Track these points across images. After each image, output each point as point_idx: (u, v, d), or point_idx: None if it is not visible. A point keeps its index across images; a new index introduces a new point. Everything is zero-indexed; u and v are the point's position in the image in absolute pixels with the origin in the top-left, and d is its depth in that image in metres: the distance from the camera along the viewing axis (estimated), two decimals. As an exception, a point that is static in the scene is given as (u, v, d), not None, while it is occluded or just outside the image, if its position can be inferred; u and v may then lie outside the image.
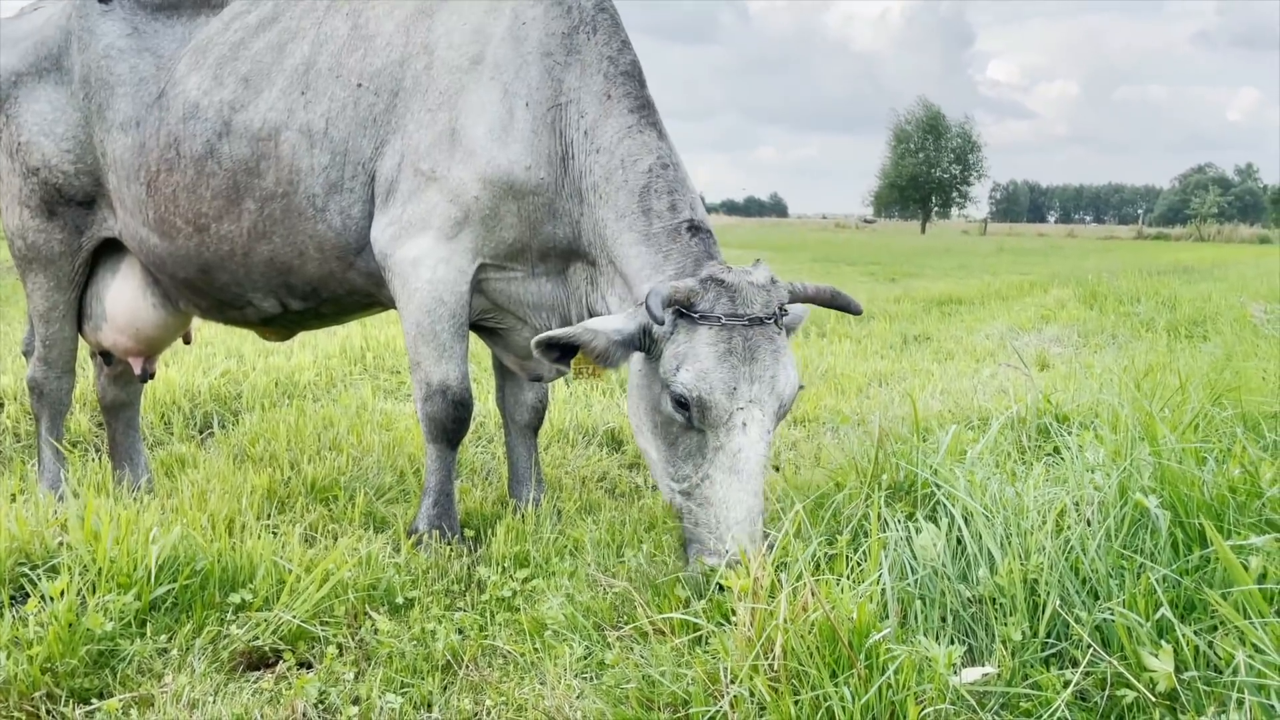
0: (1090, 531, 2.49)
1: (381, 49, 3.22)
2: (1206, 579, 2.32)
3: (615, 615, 2.68)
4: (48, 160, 3.54)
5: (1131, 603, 2.24)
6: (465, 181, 3.09)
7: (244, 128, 3.27)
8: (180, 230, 3.43)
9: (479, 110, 3.10)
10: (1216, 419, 3.48)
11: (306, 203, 3.26)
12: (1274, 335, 6.18)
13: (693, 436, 2.80)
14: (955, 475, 2.85)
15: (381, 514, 3.70)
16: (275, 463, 4.22)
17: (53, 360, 3.83)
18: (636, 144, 3.07)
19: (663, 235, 2.99)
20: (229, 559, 2.88)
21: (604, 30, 3.17)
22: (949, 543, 2.54)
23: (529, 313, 3.36)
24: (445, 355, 3.24)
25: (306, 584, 2.77)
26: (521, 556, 3.21)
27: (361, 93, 3.20)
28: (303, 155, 3.23)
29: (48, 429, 3.91)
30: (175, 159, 3.36)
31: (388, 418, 5.22)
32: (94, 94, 3.48)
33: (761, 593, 2.17)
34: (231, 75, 3.32)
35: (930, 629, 2.34)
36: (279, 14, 3.39)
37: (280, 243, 3.34)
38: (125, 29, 3.50)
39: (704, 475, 2.77)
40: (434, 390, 3.26)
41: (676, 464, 2.84)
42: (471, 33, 3.17)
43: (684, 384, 2.73)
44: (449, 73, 3.14)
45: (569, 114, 3.12)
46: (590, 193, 3.10)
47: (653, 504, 3.76)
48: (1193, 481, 2.60)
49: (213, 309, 3.71)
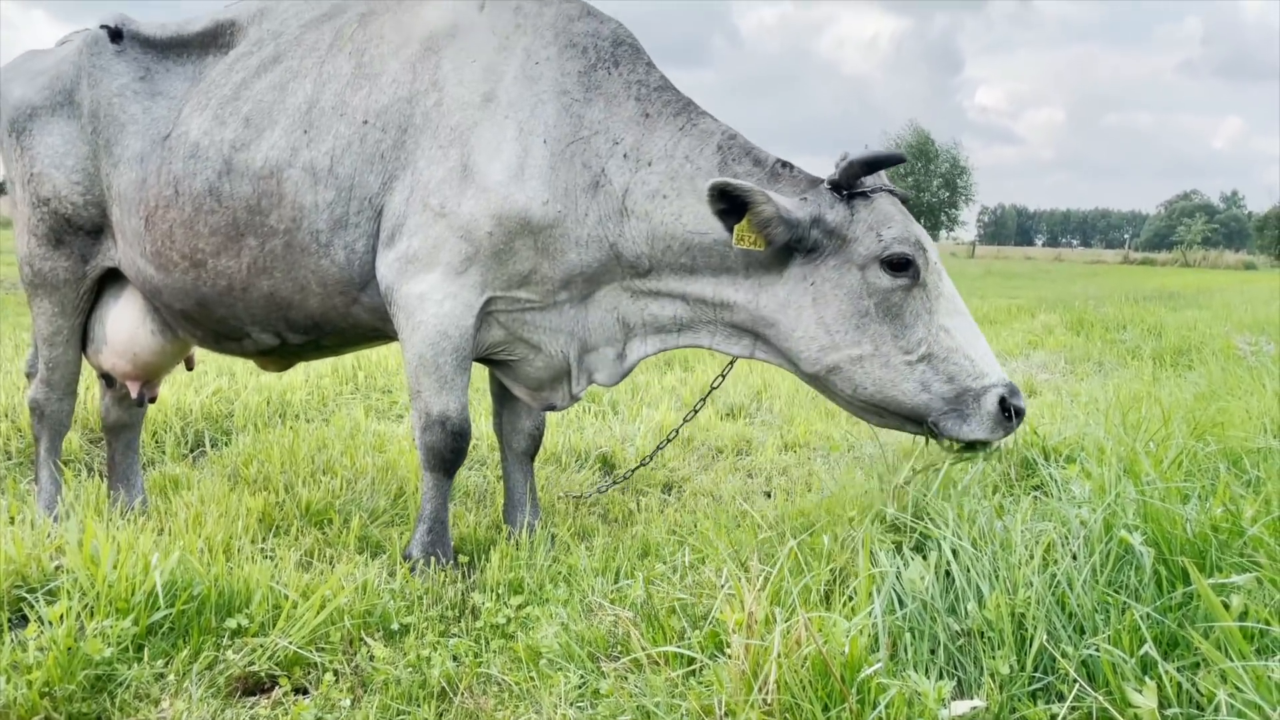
0: (1076, 567, 2.54)
1: (388, 86, 3.25)
2: (1189, 616, 2.37)
3: (610, 644, 2.71)
4: (58, 191, 3.61)
5: (1116, 639, 2.29)
6: (477, 217, 3.13)
7: (245, 167, 3.31)
8: (176, 264, 3.47)
9: (493, 147, 3.14)
10: (1200, 455, 3.54)
11: (310, 239, 3.30)
12: (1258, 368, 6.27)
13: (913, 298, 3.00)
14: (944, 508, 2.90)
15: (376, 538, 3.73)
16: (269, 485, 4.24)
17: (55, 382, 3.88)
18: (691, 142, 3.19)
19: (764, 179, 3.15)
20: (225, 583, 2.90)
21: (625, 61, 3.27)
22: (938, 576, 2.59)
23: (545, 340, 3.39)
24: (446, 387, 3.28)
25: (303, 610, 2.80)
26: (515, 583, 3.24)
27: (368, 129, 3.23)
28: (306, 192, 3.26)
29: (48, 450, 3.93)
30: (174, 196, 3.41)
31: (380, 439, 5.24)
32: (103, 129, 3.55)
33: (756, 626, 2.21)
34: (233, 115, 3.36)
35: (920, 662, 2.38)
36: (281, 55, 3.42)
37: (281, 278, 3.38)
38: (138, 70, 3.57)
39: (939, 327, 2.99)
40: (433, 420, 3.30)
41: (905, 335, 3.00)
42: (482, 71, 3.21)
43: (899, 238, 2.98)
44: (460, 109, 3.18)
45: (595, 145, 3.19)
46: (647, 201, 3.17)
47: (646, 531, 3.80)
48: (1175, 519, 2.66)
49: (210, 340, 3.75)
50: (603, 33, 3.30)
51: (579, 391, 3.50)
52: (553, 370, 3.46)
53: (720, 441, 5.58)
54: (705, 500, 4.44)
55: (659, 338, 3.40)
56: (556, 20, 3.29)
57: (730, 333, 3.31)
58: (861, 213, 3.02)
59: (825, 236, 3.03)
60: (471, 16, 3.31)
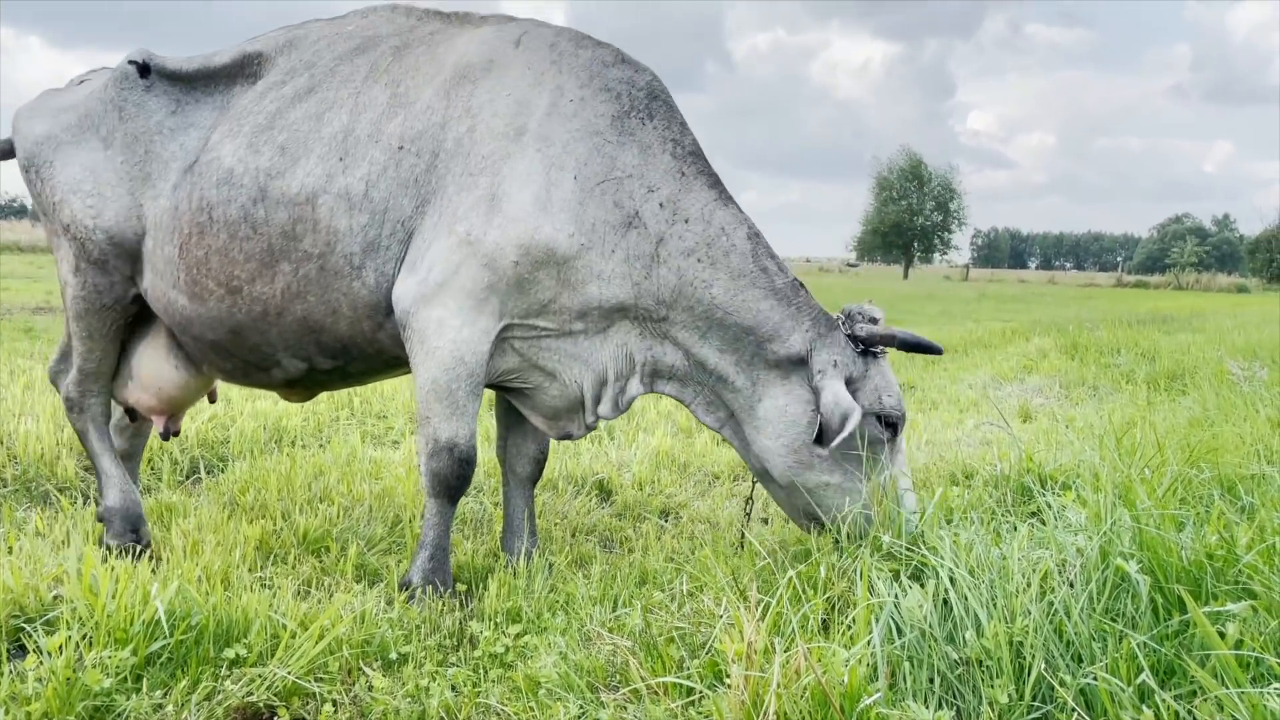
0: (1073, 595, 2.55)
1: (422, 113, 3.32)
2: (1186, 645, 2.38)
3: (609, 674, 2.71)
4: (76, 218, 3.66)
5: (1114, 667, 2.29)
6: (503, 246, 3.18)
7: (281, 193, 3.36)
8: (212, 292, 3.50)
9: (524, 179, 3.21)
10: (1194, 481, 3.56)
11: (344, 262, 3.34)
12: (1251, 393, 6.30)
13: (883, 449, 3.38)
14: (941, 536, 2.91)
15: (374, 566, 3.73)
16: (266, 513, 4.24)
17: (88, 374, 3.91)
18: (727, 215, 3.39)
19: (787, 290, 3.41)
20: (224, 613, 2.89)
21: (660, 116, 3.41)
22: (935, 604, 2.60)
23: (561, 368, 3.46)
24: (457, 413, 3.30)
25: (302, 640, 2.79)
26: (514, 612, 3.24)
27: (403, 155, 3.29)
28: (341, 217, 3.31)
29: (97, 439, 3.96)
30: (208, 223, 3.45)
31: (377, 466, 5.24)
32: (140, 162, 3.62)
33: (755, 656, 2.21)
34: (268, 144, 3.41)
35: (919, 691, 2.38)
36: (315, 85, 3.48)
37: (314, 302, 3.41)
38: (169, 104, 3.66)
39: (885, 477, 3.36)
40: (441, 447, 3.32)
41: (868, 476, 3.36)
42: (515, 104, 3.28)
43: (894, 407, 3.36)
44: (492, 139, 3.25)
45: (629, 187, 3.30)
46: (681, 258, 3.34)
47: (644, 558, 3.80)
48: (1171, 547, 2.67)
49: (237, 371, 3.76)
50: (638, 82, 3.42)
51: (593, 421, 3.58)
52: (568, 399, 3.53)
53: (717, 467, 5.59)
54: (703, 527, 4.45)
55: (654, 381, 3.55)
56: (591, 64, 3.39)
57: (712, 401, 3.54)
58: (872, 372, 3.38)
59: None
60: (508, 52, 3.39)
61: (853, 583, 2.85)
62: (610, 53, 3.46)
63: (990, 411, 7.38)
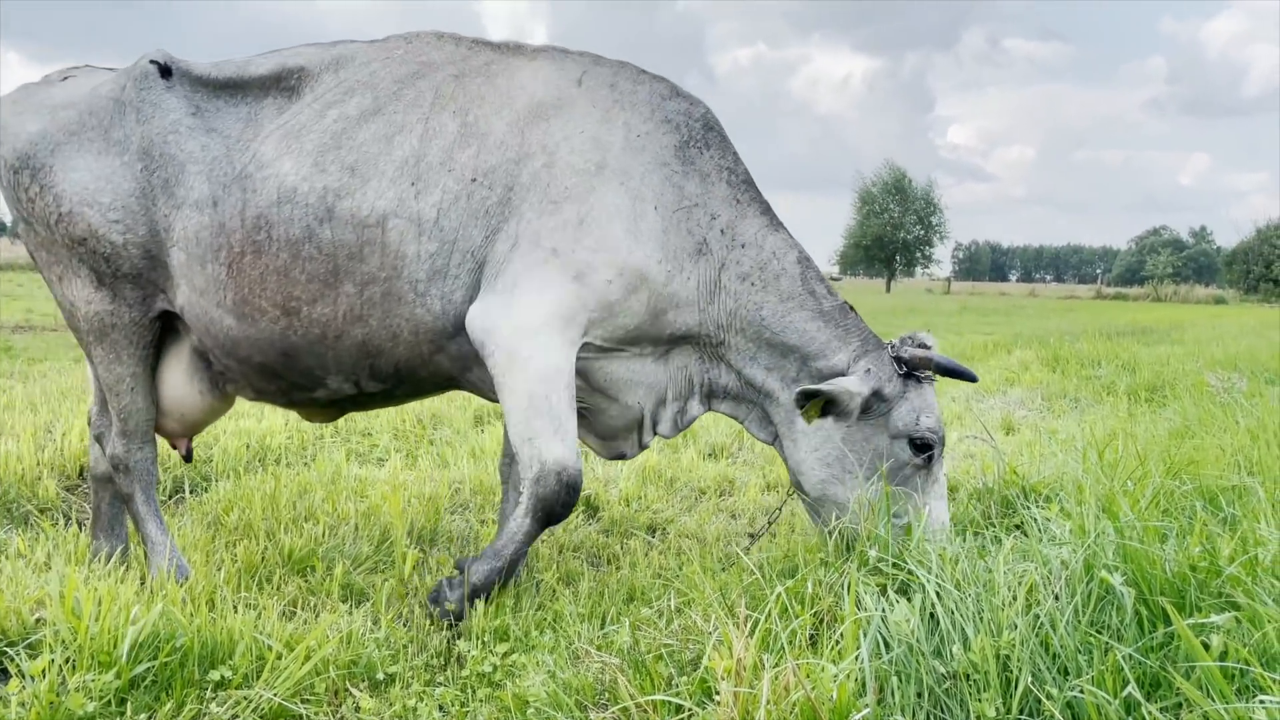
0: (1059, 608, 2.56)
1: (495, 147, 3.35)
2: (1171, 657, 2.40)
3: (597, 692, 2.70)
4: (94, 230, 3.43)
5: (1100, 680, 2.31)
6: (594, 265, 3.26)
7: (350, 214, 3.31)
8: (265, 313, 3.41)
9: (613, 211, 3.31)
10: (1176, 493, 3.59)
11: (408, 287, 3.33)
12: (1230, 404, 6.36)
13: (919, 476, 3.44)
14: (927, 549, 2.92)
15: (360, 585, 3.71)
16: (251, 532, 4.22)
17: (130, 432, 3.69)
18: (778, 240, 3.54)
19: (835, 313, 3.54)
20: (208, 635, 2.87)
21: (715, 146, 3.55)
22: (922, 618, 2.61)
23: (624, 391, 3.57)
24: (560, 431, 3.24)
25: (287, 661, 2.78)
26: (501, 630, 3.23)
27: (475, 186, 3.31)
28: (410, 242, 3.30)
29: (144, 503, 3.72)
30: (265, 241, 3.35)
31: (362, 484, 5.22)
32: (157, 168, 3.44)
33: (745, 673, 2.22)
34: (335, 163, 3.34)
35: (907, 706, 2.39)
36: (381, 107, 3.42)
37: (376, 326, 3.38)
38: (189, 107, 3.50)
39: (920, 505, 3.42)
40: (548, 470, 3.23)
41: (898, 500, 3.42)
42: (591, 141, 3.36)
43: (930, 429, 3.42)
44: (574, 175, 3.32)
45: (696, 216, 3.44)
46: (738, 282, 3.48)
47: (631, 575, 3.80)
48: (1154, 559, 2.69)
49: (278, 393, 3.68)
50: (694, 114, 3.55)
51: (649, 441, 3.71)
52: (627, 420, 3.64)
53: (703, 482, 5.59)
54: (690, 542, 4.45)
55: (710, 400, 3.69)
56: (651, 98, 3.51)
57: (763, 418, 3.67)
58: (911, 394, 3.46)
59: (877, 401, 3.43)
60: (572, 90, 3.46)
61: (840, 598, 2.85)
62: (665, 86, 3.58)
63: (974, 424, 7.42)
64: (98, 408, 3.89)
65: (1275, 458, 4.44)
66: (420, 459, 6.00)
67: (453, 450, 6.12)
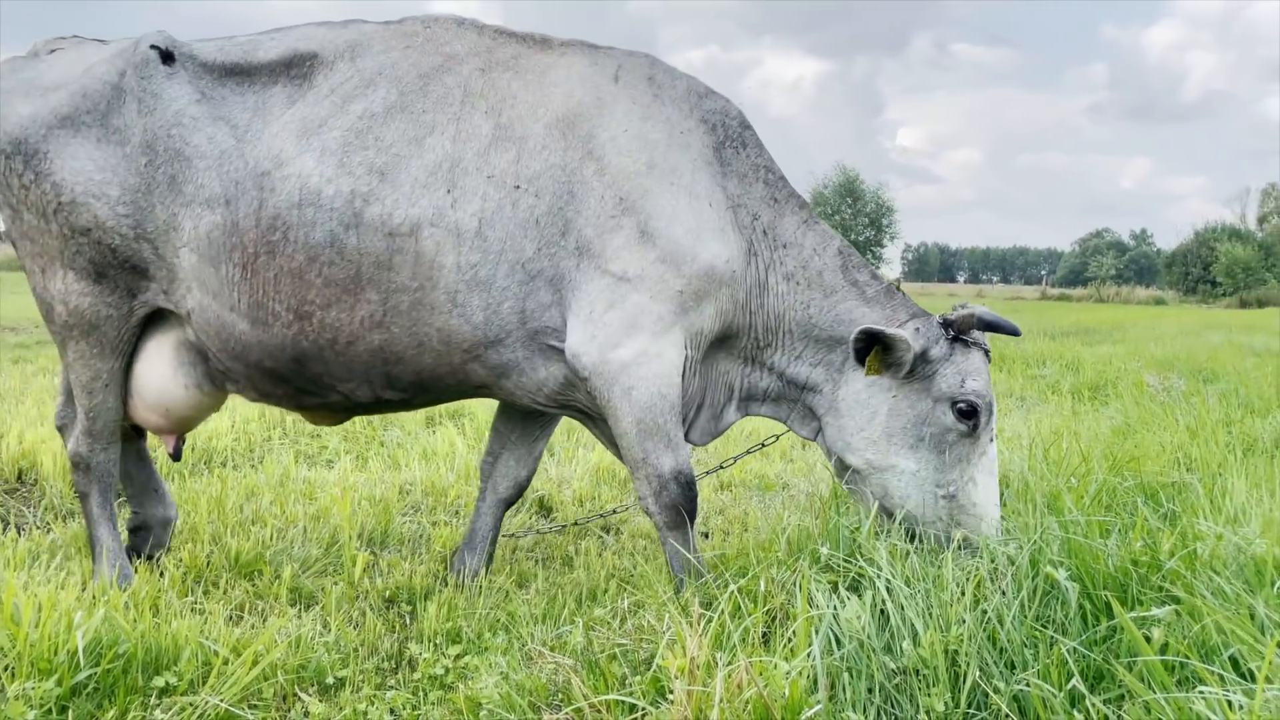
0: (1006, 603, 2.61)
1: (537, 151, 3.22)
2: (1114, 649, 2.45)
3: (551, 693, 2.69)
4: (101, 222, 3.27)
5: (1045, 673, 2.35)
6: (666, 279, 3.20)
7: (378, 221, 3.15)
8: (278, 317, 3.26)
9: (669, 212, 3.23)
10: (1118, 489, 3.67)
11: (445, 298, 3.20)
12: (1170, 403, 6.52)
13: (962, 445, 3.31)
14: (877, 546, 2.96)
15: (309, 589, 3.65)
16: (196, 536, 4.14)
17: (98, 432, 3.55)
18: (816, 234, 3.49)
19: (880, 296, 3.46)
20: (153, 640, 2.81)
21: (751, 145, 3.49)
22: (873, 615, 2.64)
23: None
24: (672, 444, 3.28)
25: (234, 667, 2.73)
26: (454, 632, 3.21)
27: (520, 194, 3.19)
28: (448, 252, 3.16)
29: (100, 505, 3.60)
30: (281, 243, 3.19)
31: (311, 487, 5.15)
32: (162, 163, 3.26)
33: (698, 672, 2.22)
34: (361, 164, 3.18)
35: (858, 702, 2.41)
36: (407, 104, 3.25)
37: (399, 333, 3.25)
38: (193, 94, 3.29)
39: (969, 478, 3.30)
40: (668, 480, 3.27)
41: (945, 471, 3.31)
42: (637, 139, 3.26)
43: (977, 393, 3.29)
44: (626, 179, 3.22)
45: (741, 216, 3.41)
46: (783, 282, 3.44)
47: (585, 576, 3.79)
48: (1098, 554, 2.75)
49: (286, 398, 3.54)
50: (730, 112, 3.51)
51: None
52: None
53: (656, 482, 5.59)
54: (644, 542, 4.45)
55: (748, 405, 3.62)
56: (688, 95, 3.45)
57: (805, 415, 3.58)
58: (957, 356, 3.35)
59: (922, 364, 3.33)
60: (610, 87, 3.35)
61: (792, 595, 2.87)
62: (698, 84, 3.53)
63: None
64: (64, 398, 3.75)
65: (1213, 455, 4.57)
66: (371, 461, 5.94)
67: (404, 452, 6.06)
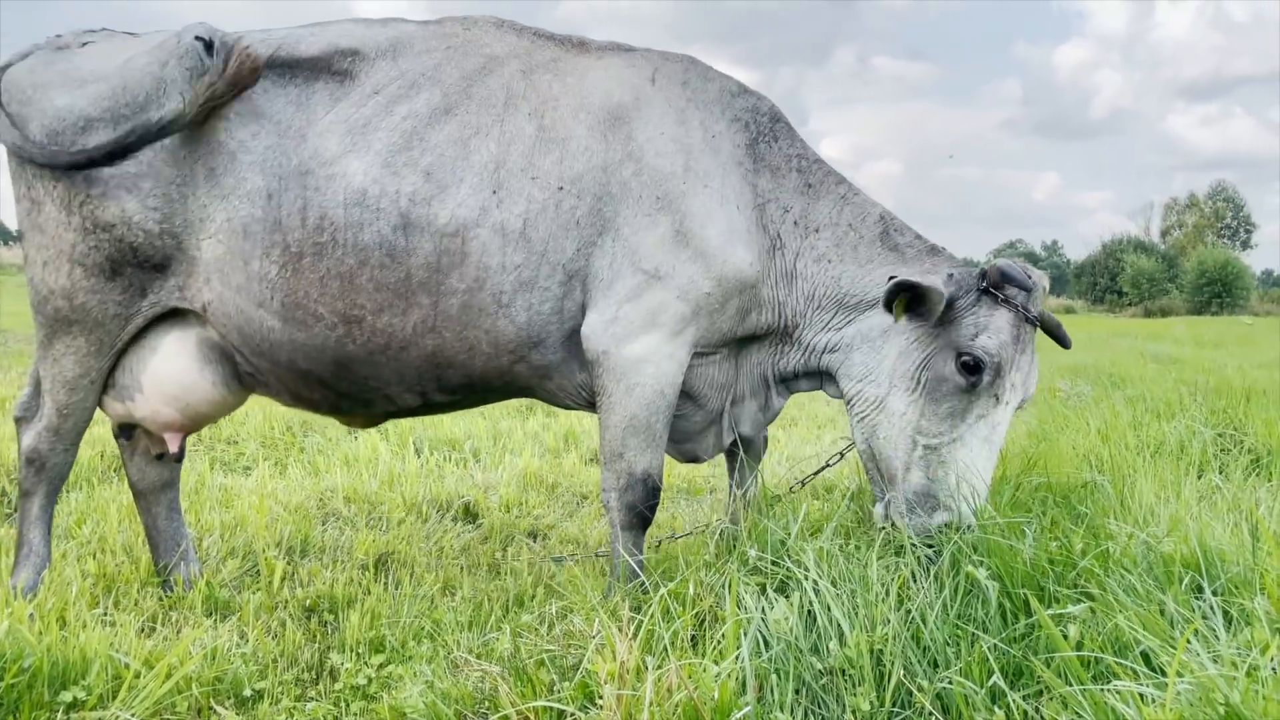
0: (929, 602, 2.66)
1: (579, 153, 3.25)
2: (1033, 646, 2.51)
3: (477, 701, 2.65)
4: (128, 217, 3.17)
5: (967, 670, 2.40)
6: (696, 279, 3.24)
7: (428, 223, 3.15)
8: (321, 319, 3.20)
9: (704, 214, 3.26)
10: (1034, 490, 3.78)
11: (491, 300, 3.21)
12: (1081, 408, 6.75)
13: (960, 400, 3.19)
14: (804, 548, 2.99)
15: (225, 599, 3.54)
16: (106, 546, 3.99)
17: (65, 431, 3.38)
18: (856, 206, 3.48)
19: (922, 254, 3.42)
20: (60, 654, 2.70)
21: (784, 137, 3.52)
22: (801, 616, 2.66)
23: (710, 394, 3.55)
24: (653, 446, 3.32)
25: (147, 680, 2.63)
26: (377, 641, 3.14)
27: (563, 195, 3.22)
28: (494, 253, 3.18)
29: (43, 506, 3.42)
30: (330, 244, 3.15)
31: (227, 494, 5.01)
32: (202, 155, 3.18)
33: (628, 676, 2.21)
34: (409, 166, 3.17)
35: (786, 702, 2.43)
36: (451, 106, 3.26)
37: (450, 338, 3.24)
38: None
39: (957, 437, 3.20)
40: (637, 479, 3.31)
41: (932, 420, 3.23)
42: (673, 143, 3.30)
43: (986, 349, 3.14)
44: (664, 180, 3.26)
45: (770, 212, 3.43)
46: (814, 265, 3.44)
47: (512, 582, 3.75)
48: (1015, 554, 2.82)
49: (326, 404, 3.46)
50: (761, 108, 3.53)
51: (728, 442, 3.66)
52: (706, 422, 3.60)
53: (585, 487, 5.58)
54: (572, 547, 4.43)
55: (786, 386, 3.66)
56: (721, 96, 3.48)
57: (831, 371, 3.53)
58: (981, 310, 3.22)
59: (946, 311, 3.21)
60: (647, 90, 3.38)
61: (721, 598, 2.89)
62: (733, 82, 3.56)
63: (846, 429, 7.64)
64: (30, 390, 3.53)
65: (1123, 457, 4.73)
66: (290, 467, 5.80)
67: (325, 458, 5.93)
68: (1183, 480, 4.19)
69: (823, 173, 3.52)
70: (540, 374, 3.41)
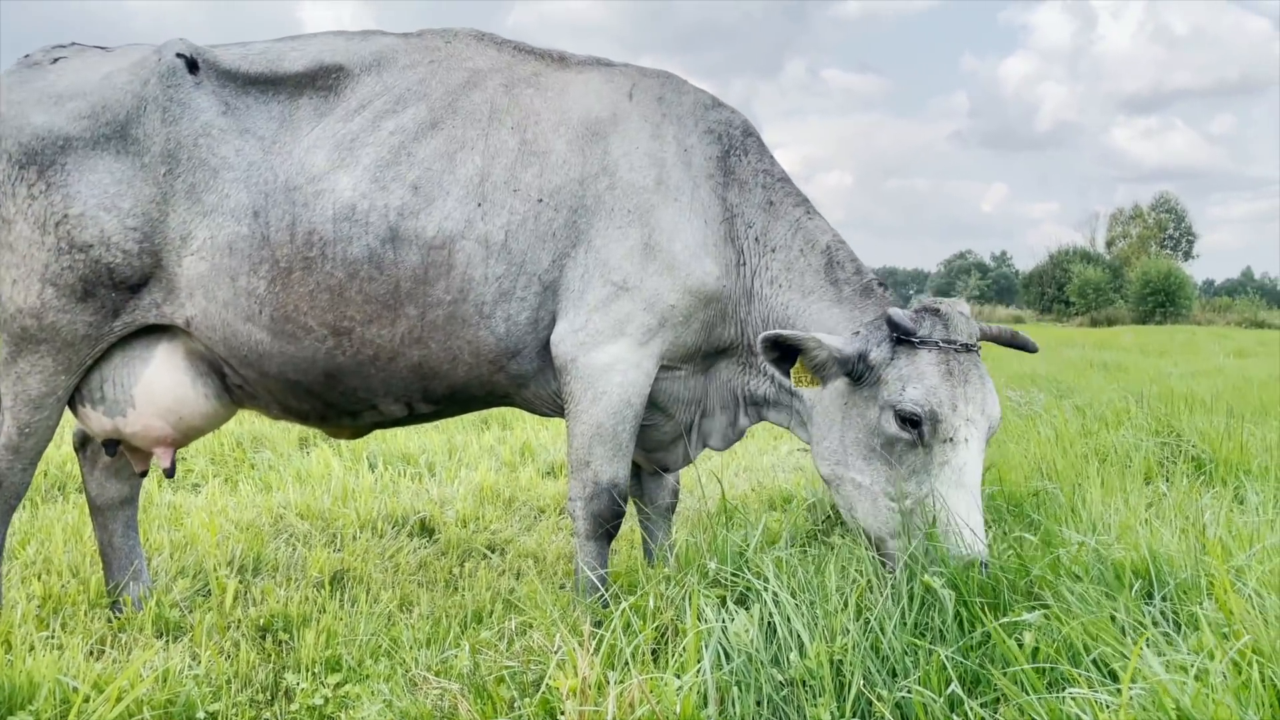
0: (887, 611, 2.68)
1: (558, 166, 3.31)
2: (989, 654, 2.54)
3: (436, 719, 2.63)
4: (107, 237, 3.14)
5: (926, 680, 2.42)
6: (662, 292, 3.27)
7: (415, 235, 3.19)
8: (311, 331, 3.23)
9: (672, 228, 3.30)
10: (988, 499, 3.83)
11: (473, 310, 3.26)
12: (1032, 416, 6.86)
13: (917, 455, 3.04)
14: (764, 560, 3.00)
15: (176, 620, 3.47)
16: (51, 568, 3.89)
17: (25, 450, 3.29)
18: (808, 231, 3.46)
19: (854, 297, 3.36)
20: (5, 678, 2.63)
21: (754, 151, 3.55)
22: (761, 628, 2.67)
23: (678, 408, 3.58)
24: (619, 455, 3.35)
25: (96, 704, 2.56)
26: (333, 660, 3.09)
27: (542, 208, 3.27)
28: (477, 265, 3.23)
29: None
30: (319, 259, 3.18)
31: (176, 512, 4.91)
32: (183, 172, 3.18)
33: (590, 691, 2.20)
34: (397, 180, 3.22)
35: (747, 714, 2.43)
36: (438, 120, 3.31)
37: (436, 348, 3.29)
38: (218, 105, 3.24)
39: (927, 491, 3.01)
40: (602, 489, 3.34)
41: (897, 484, 3.07)
42: (646, 157, 3.36)
43: (914, 400, 3.00)
44: (636, 193, 3.31)
45: (737, 227, 3.45)
46: (768, 286, 3.44)
47: (470, 598, 3.72)
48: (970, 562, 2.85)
49: (315, 415, 3.49)
50: (734, 122, 3.57)
51: (696, 455, 3.69)
52: (674, 434, 3.65)
53: (542, 501, 5.56)
54: (530, 562, 4.40)
55: (756, 410, 3.63)
56: (694, 109, 3.53)
57: (801, 421, 3.49)
58: (900, 360, 3.07)
59: (866, 370, 3.11)
60: (624, 104, 3.44)
61: (682, 611, 2.89)
62: (707, 96, 3.60)
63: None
64: None
65: (1073, 465, 4.82)
66: (241, 484, 5.70)
67: (276, 474, 5.84)
68: (1130, 488, 4.27)
69: (784, 191, 3.52)
70: (518, 383, 3.46)
